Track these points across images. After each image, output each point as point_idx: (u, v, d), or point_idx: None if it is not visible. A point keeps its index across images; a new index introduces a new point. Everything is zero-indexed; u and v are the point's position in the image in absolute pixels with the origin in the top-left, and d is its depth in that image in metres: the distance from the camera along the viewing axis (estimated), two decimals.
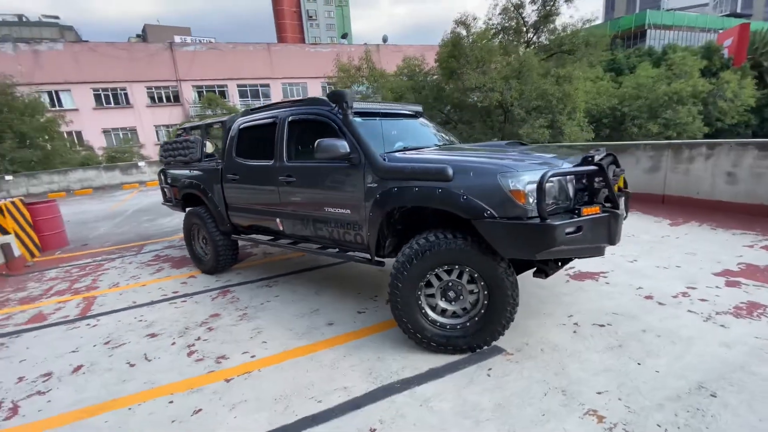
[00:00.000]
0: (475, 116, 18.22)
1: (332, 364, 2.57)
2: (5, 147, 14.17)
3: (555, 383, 2.18)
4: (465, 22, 16.64)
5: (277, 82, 31.92)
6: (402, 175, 2.57)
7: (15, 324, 3.68)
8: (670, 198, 5.67)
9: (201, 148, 4.62)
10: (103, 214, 10.32)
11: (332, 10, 66.90)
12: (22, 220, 6.07)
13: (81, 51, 26.87)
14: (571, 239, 2.11)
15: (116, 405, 2.34)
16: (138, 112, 29.33)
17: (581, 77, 16.13)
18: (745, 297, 2.97)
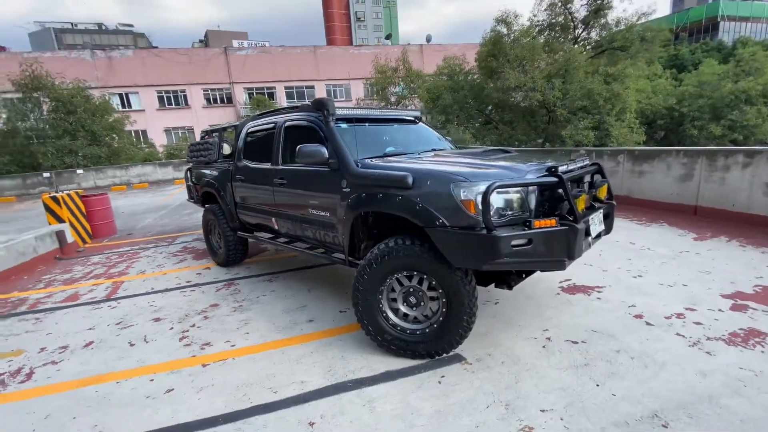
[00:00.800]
0: (517, 117, 17.61)
1: (299, 358, 2.72)
2: (78, 144, 16.05)
3: (502, 396, 2.16)
4: (506, 20, 16.13)
5: (322, 84, 32.90)
6: (368, 181, 2.65)
7: (53, 302, 4.24)
8: (703, 210, 5.18)
9: (218, 149, 4.98)
10: (152, 206, 11.34)
11: (380, 11, 67.57)
12: (76, 210, 6.88)
13: (147, 57, 29.51)
14: (520, 252, 2.07)
15: (108, 378, 2.66)
16: (195, 113, 31.62)
17: (633, 75, 14.98)
18: (747, 323, 2.71)
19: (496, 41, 16.13)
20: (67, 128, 16.25)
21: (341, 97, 32.85)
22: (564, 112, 15.70)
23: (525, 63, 16.03)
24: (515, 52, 15.78)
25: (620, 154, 6.35)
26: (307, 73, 32.47)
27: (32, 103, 16.26)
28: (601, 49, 17.55)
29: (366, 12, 66.29)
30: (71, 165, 16.13)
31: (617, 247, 4.49)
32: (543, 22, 18.02)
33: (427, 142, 3.89)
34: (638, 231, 5.04)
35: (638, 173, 6.08)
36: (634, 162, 6.12)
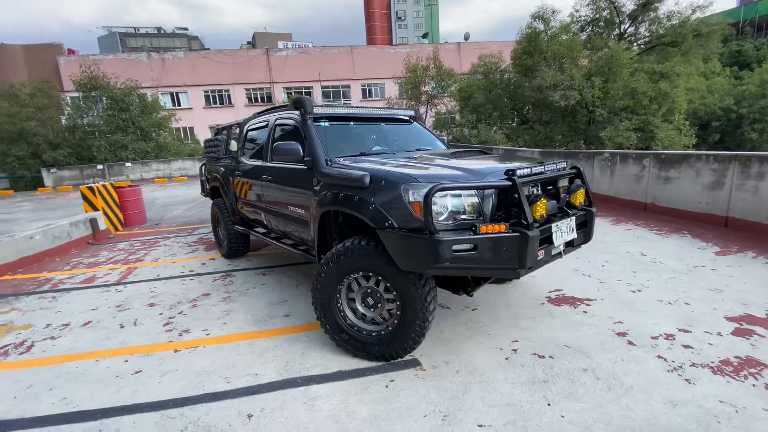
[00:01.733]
0: (556, 117, 16.82)
1: (262, 351, 2.78)
2: (128, 139, 17.41)
3: (443, 406, 2.08)
4: (543, 16, 15.45)
5: (357, 83, 33.27)
6: (332, 180, 2.65)
7: (72, 283, 4.62)
8: (734, 221, 4.66)
9: (225, 146, 5.19)
10: (184, 199, 12.06)
11: (421, 10, 67.16)
12: (110, 200, 7.46)
13: (196, 58, 31.32)
14: (463, 257, 1.98)
15: (90, 356, 2.87)
16: (237, 111, 33.12)
17: (684, 73, 13.77)
18: (746, 350, 2.41)
19: (532, 38, 15.50)
20: (119, 124, 17.67)
21: (376, 96, 33.03)
22: (604, 112, 14.77)
23: (563, 60, 15.26)
24: (552, 50, 15.08)
25: (645, 158, 5.87)
26: (343, 73, 32.97)
27: (90, 102, 17.85)
28: (649, 46, 16.34)
29: (407, 11, 66.17)
30: (122, 158, 17.52)
31: (625, 258, 4.16)
32: (585, 18, 17.07)
33: (417, 142, 3.82)
34: (655, 242, 4.64)
35: (664, 179, 5.59)
36: (661, 167, 5.63)
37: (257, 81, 32.93)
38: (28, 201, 14.19)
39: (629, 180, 6.26)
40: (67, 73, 25.03)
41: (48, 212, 10.94)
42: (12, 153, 16.95)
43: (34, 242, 5.52)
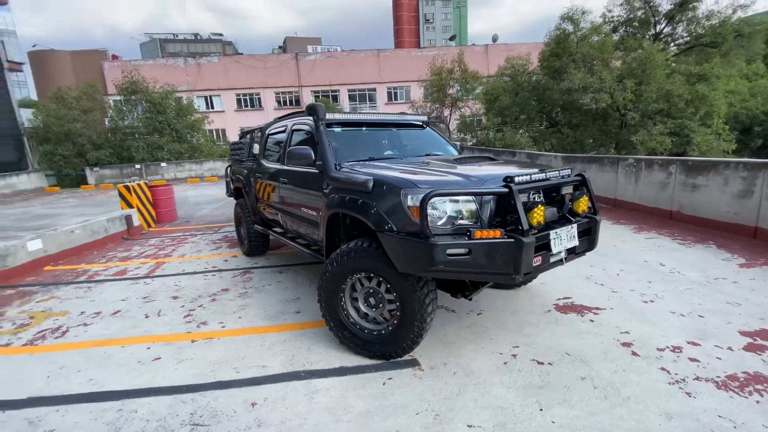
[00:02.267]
0: (587, 120, 16.34)
1: (271, 345, 2.93)
2: (164, 140, 18.38)
3: (436, 406, 2.14)
4: (572, 17, 15.07)
5: (383, 86, 33.54)
6: (340, 184, 2.77)
7: (106, 275, 4.99)
8: (763, 232, 4.42)
9: (249, 149, 5.45)
10: (214, 198, 12.60)
11: (450, 12, 66.81)
12: (144, 198, 7.94)
13: (229, 63, 32.56)
14: (458, 261, 2.04)
15: (117, 342, 3.11)
16: (267, 114, 34.12)
17: (724, 75, 13.06)
18: (755, 366, 2.33)
19: (561, 40, 15.15)
20: (156, 126, 18.68)
21: (401, 99, 33.15)
22: (636, 115, 14.22)
23: (593, 62, 14.82)
24: (582, 51, 14.68)
25: (672, 164, 5.66)
26: (369, 76, 33.32)
27: (131, 105, 18.98)
28: (687, 46, 15.61)
29: (435, 13, 66.00)
30: (158, 159, 18.50)
31: (643, 268, 4.06)
32: (618, 18, 16.52)
33: (428, 147, 3.89)
34: (676, 251, 4.48)
35: (691, 186, 5.37)
36: (688, 174, 5.41)
37: (286, 85, 33.82)
38: (72, 197, 15.23)
39: (654, 187, 6.05)
40: (110, 78, 26.69)
41: (89, 208, 11.72)
42: (59, 152, 18.26)
43: (74, 236, 5.98)
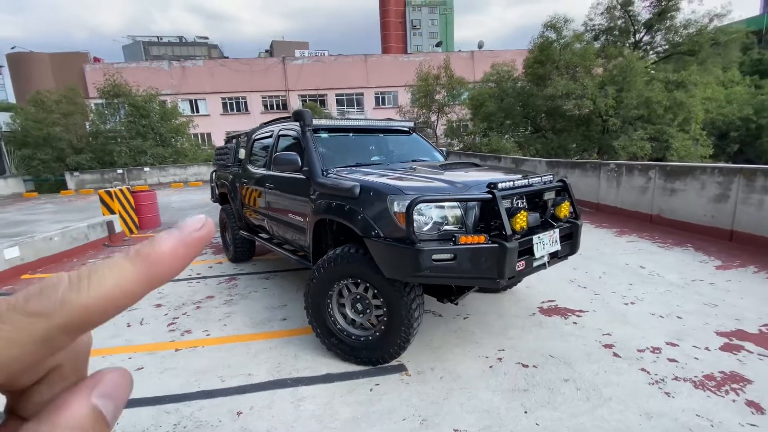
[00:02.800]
0: (570, 126, 16.68)
1: (256, 353, 2.90)
2: (147, 145, 18.03)
3: (423, 411, 2.15)
4: (555, 25, 15.42)
5: (371, 91, 33.65)
6: (326, 189, 2.77)
7: None
8: (739, 235, 4.59)
9: (234, 155, 5.40)
10: (197, 203, 12.41)
11: (436, 19, 67.62)
12: (126, 203, 7.78)
13: (215, 66, 32.24)
14: (443, 267, 2.06)
15: (97, 353, 3.03)
16: (253, 118, 33.81)
17: (701, 82, 13.53)
18: (732, 366, 2.41)
19: (544, 47, 15.48)
20: (139, 130, 18.33)
21: (389, 104, 33.32)
22: (617, 121, 14.61)
23: (576, 69, 15.18)
24: (565, 59, 15.03)
25: (651, 169, 5.83)
26: (357, 81, 33.40)
27: (113, 108, 18.59)
28: (666, 54, 16.14)
29: (422, 20, 66.72)
30: (141, 163, 18.14)
31: (623, 271, 4.16)
32: (599, 27, 16.98)
33: (415, 152, 3.93)
34: (656, 254, 4.61)
35: (670, 191, 5.53)
36: (667, 179, 5.58)
37: (273, 89, 33.64)
38: (51, 203, 14.80)
39: (635, 191, 6.22)
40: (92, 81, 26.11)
41: (69, 214, 11.40)
42: (37, 157, 17.74)
43: (53, 243, 5.81)
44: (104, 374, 0.22)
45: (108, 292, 0.20)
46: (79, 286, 0.20)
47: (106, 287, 0.20)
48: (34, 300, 0.19)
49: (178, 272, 0.22)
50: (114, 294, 0.20)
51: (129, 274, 0.21)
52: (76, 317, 0.19)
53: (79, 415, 0.20)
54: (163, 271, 0.21)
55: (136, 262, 0.21)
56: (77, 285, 0.20)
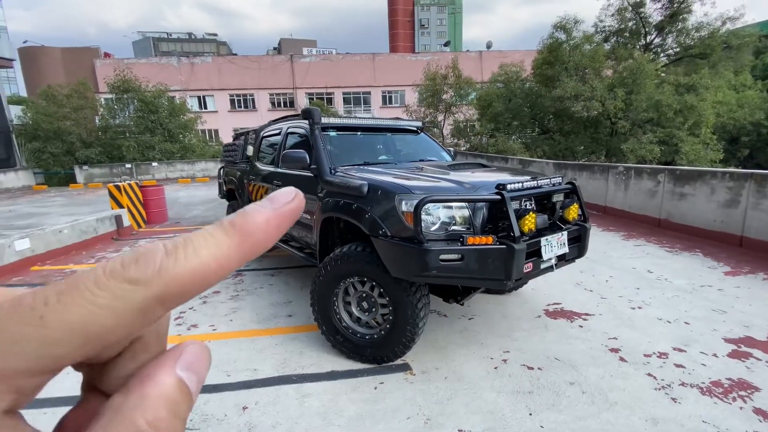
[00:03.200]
0: (578, 128, 16.59)
1: (262, 348, 2.92)
2: (155, 140, 18.19)
3: (427, 410, 2.16)
4: (565, 27, 15.31)
5: (378, 90, 33.64)
6: (334, 187, 2.78)
7: None
8: (749, 241, 4.53)
9: (242, 151, 5.43)
10: (204, 199, 12.49)
11: (444, 18, 67.42)
12: (134, 198, 7.85)
13: (223, 63, 32.40)
14: (450, 267, 2.06)
15: None
16: (260, 115, 33.96)
17: (712, 86, 13.37)
18: (739, 373, 2.39)
19: (553, 48, 15.38)
20: (148, 126, 18.49)
21: (396, 103, 33.29)
22: (626, 124, 14.49)
23: (586, 71, 15.07)
24: (574, 60, 14.92)
25: (660, 173, 5.77)
26: (364, 80, 33.41)
27: (122, 103, 18.77)
28: (677, 57, 15.96)
29: (430, 19, 66.56)
30: (149, 158, 18.30)
31: (631, 275, 4.13)
32: (609, 28, 16.84)
33: (423, 152, 3.93)
34: (664, 259, 4.57)
35: (679, 195, 5.48)
36: (676, 183, 5.53)
37: (281, 86, 33.74)
38: (60, 196, 14.98)
39: (643, 195, 6.16)
40: (102, 76, 26.38)
41: (77, 207, 11.54)
42: (48, 150, 17.96)
43: (62, 236, 5.89)
44: (186, 346, 0.22)
45: (204, 262, 0.19)
46: (176, 256, 0.19)
47: (202, 258, 0.19)
48: (132, 267, 0.18)
49: (270, 244, 0.22)
50: (210, 265, 0.19)
51: (224, 246, 0.20)
52: (174, 287, 0.19)
53: (168, 386, 0.20)
54: (257, 242, 0.21)
55: (230, 234, 0.20)
56: (174, 254, 0.19)
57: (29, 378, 0.18)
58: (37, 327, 0.17)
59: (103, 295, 0.18)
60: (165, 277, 0.18)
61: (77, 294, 0.18)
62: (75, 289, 0.18)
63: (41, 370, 0.18)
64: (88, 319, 0.17)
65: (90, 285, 0.18)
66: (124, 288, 0.18)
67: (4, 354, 0.17)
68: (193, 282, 0.19)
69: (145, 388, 0.20)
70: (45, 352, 0.17)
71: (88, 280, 0.18)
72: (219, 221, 0.21)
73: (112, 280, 0.18)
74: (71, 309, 0.17)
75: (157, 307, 0.19)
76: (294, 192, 0.22)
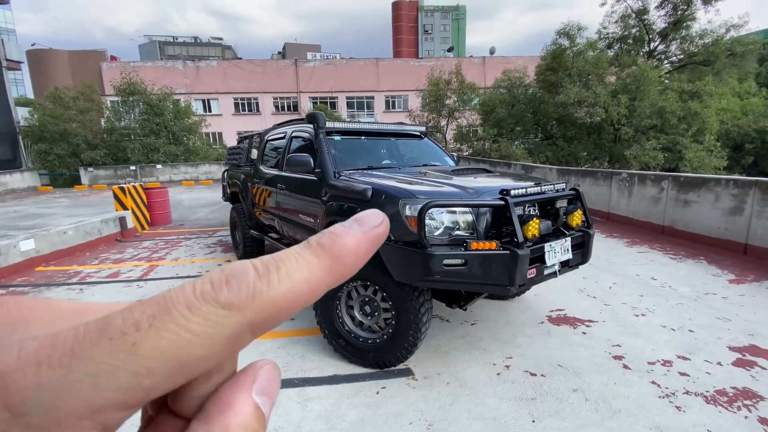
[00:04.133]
0: (582, 134, 16.58)
1: (264, 352, 2.92)
2: (160, 142, 18.33)
3: (430, 416, 2.15)
4: (568, 33, 15.35)
5: (381, 95, 33.80)
6: (338, 191, 2.79)
7: (98, 277, 4.94)
8: (754, 249, 4.51)
9: (247, 154, 5.46)
10: (208, 201, 12.55)
11: (448, 24, 67.77)
12: (139, 200, 7.90)
13: (228, 67, 32.66)
14: (454, 272, 2.06)
15: None
16: (264, 119, 34.15)
17: (716, 93, 13.35)
18: (744, 381, 2.37)
19: (557, 54, 15.42)
20: (153, 128, 18.64)
21: (399, 108, 33.41)
22: (630, 130, 14.48)
23: (589, 77, 15.09)
24: (577, 66, 14.95)
25: (664, 180, 5.76)
26: (368, 84, 33.58)
27: (128, 106, 18.95)
28: (680, 64, 15.97)
29: (434, 25, 66.92)
30: (153, 161, 18.42)
31: (634, 281, 4.11)
32: (613, 35, 16.87)
33: (426, 157, 3.94)
34: (667, 266, 4.55)
35: (683, 202, 5.46)
36: (680, 190, 5.52)
37: (285, 90, 33.95)
38: (65, 197, 15.09)
39: (647, 201, 6.15)
40: (108, 79, 26.63)
41: (82, 209, 11.61)
42: (53, 152, 18.12)
43: (67, 237, 5.92)
44: (259, 368, 0.20)
45: (297, 286, 0.18)
46: (269, 278, 0.18)
47: (294, 281, 0.18)
48: (224, 289, 0.17)
49: (358, 269, 0.20)
50: (302, 289, 0.18)
51: (315, 268, 0.19)
52: (267, 312, 0.17)
53: (246, 415, 0.18)
54: (348, 266, 0.20)
55: (321, 256, 0.19)
56: (266, 276, 0.18)
57: (116, 412, 0.16)
58: (129, 355, 0.16)
59: (196, 320, 0.16)
60: (259, 301, 0.17)
61: (169, 319, 0.16)
62: (167, 313, 0.16)
63: (130, 404, 0.16)
64: (181, 346, 0.16)
65: (182, 309, 0.16)
66: (218, 313, 0.17)
67: (94, 386, 0.15)
68: (285, 306, 0.18)
69: (226, 418, 0.18)
70: (135, 383, 0.16)
71: (180, 303, 0.17)
72: (306, 241, 0.20)
73: (205, 305, 0.16)
74: (164, 335, 0.16)
75: (248, 333, 0.17)
76: (381, 216, 0.22)
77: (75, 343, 0.16)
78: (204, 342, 0.16)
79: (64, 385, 0.15)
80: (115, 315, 0.16)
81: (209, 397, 0.19)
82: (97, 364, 0.15)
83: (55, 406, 0.15)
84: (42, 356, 0.16)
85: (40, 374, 0.15)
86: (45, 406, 0.15)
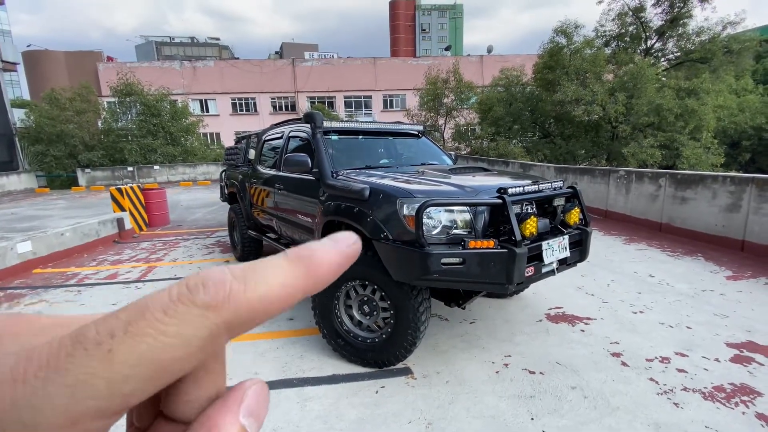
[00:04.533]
0: (579, 132, 16.61)
1: (263, 352, 2.91)
2: (158, 143, 18.29)
3: (429, 414, 2.15)
4: (565, 31, 15.37)
5: (379, 94, 33.77)
6: (335, 191, 2.79)
7: (96, 278, 4.93)
8: (751, 245, 4.53)
9: (244, 155, 5.45)
10: (205, 202, 12.53)
11: (445, 23, 67.75)
12: (136, 201, 7.88)
13: (225, 67, 32.58)
14: (451, 271, 2.07)
15: None
16: (262, 119, 34.09)
17: (713, 90, 13.39)
18: (741, 378, 2.38)
19: (554, 53, 15.43)
20: (150, 129, 18.59)
21: (397, 107, 33.39)
22: (627, 128, 14.51)
23: (586, 75, 15.11)
24: (575, 64, 14.96)
25: (661, 177, 5.78)
26: (365, 84, 33.55)
27: (125, 107, 18.89)
28: (677, 62, 16.00)
29: (431, 24, 66.90)
30: (151, 161, 18.38)
31: (632, 279, 4.12)
32: (610, 33, 16.90)
33: (424, 156, 3.94)
34: (665, 263, 4.56)
35: (681, 199, 5.48)
36: (677, 187, 5.53)
37: (282, 90, 33.89)
38: (62, 199, 15.03)
39: (645, 199, 6.16)
40: (105, 79, 26.54)
41: (79, 210, 11.57)
42: (50, 153, 18.05)
43: (64, 238, 5.90)
44: (247, 388, 0.21)
45: (273, 290, 0.19)
46: (245, 281, 0.18)
47: (271, 285, 0.19)
48: (201, 291, 0.17)
49: (329, 282, 0.21)
50: (278, 294, 0.19)
51: (291, 276, 0.19)
52: (243, 313, 0.18)
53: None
54: (322, 276, 0.20)
55: (298, 265, 0.20)
56: (243, 279, 0.18)
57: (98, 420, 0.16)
58: (105, 363, 0.16)
59: (171, 322, 0.17)
60: (235, 302, 0.18)
61: (145, 324, 0.16)
62: (141, 318, 0.16)
63: (111, 411, 0.16)
64: (158, 350, 0.16)
65: (157, 313, 0.17)
66: (193, 313, 0.17)
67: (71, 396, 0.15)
68: (261, 308, 0.18)
69: None
70: (115, 391, 0.16)
71: (155, 307, 0.17)
72: (284, 252, 0.21)
73: (181, 305, 0.17)
74: (140, 340, 0.16)
75: (224, 333, 0.18)
76: (355, 237, 0.23)
77: (50, 356, 0.16)
78: (180, 343, 0.17)
79: (41, 398, 0.15)
80: (89, 325, 0.17)
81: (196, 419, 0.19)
82: (74, 375, 0.15)
83: (34, 422, 0.15)
84: (17, 373, 0.16)
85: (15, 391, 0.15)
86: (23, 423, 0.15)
